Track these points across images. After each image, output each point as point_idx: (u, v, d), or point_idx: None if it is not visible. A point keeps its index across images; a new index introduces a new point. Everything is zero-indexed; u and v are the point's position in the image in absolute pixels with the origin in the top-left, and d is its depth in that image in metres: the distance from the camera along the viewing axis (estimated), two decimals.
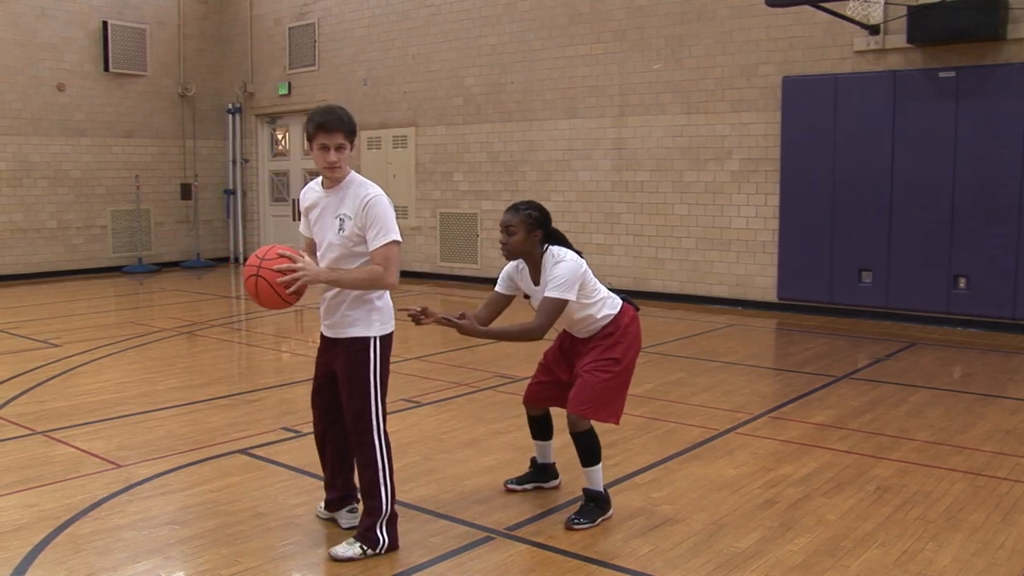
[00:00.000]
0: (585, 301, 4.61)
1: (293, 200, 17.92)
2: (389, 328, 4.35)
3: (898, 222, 10.79)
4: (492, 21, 14.42)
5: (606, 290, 4.74)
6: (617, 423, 4.72)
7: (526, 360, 8.62)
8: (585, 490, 4.69)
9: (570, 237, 4.95)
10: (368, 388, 4.26)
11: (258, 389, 7.58)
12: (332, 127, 4.12)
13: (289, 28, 17.46)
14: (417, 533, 4.50)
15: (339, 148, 4.14)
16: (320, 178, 4.35)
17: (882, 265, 10.93)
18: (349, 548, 4.23)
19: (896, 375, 8.20)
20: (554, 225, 4.85)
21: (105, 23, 16.67)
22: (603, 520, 4.64)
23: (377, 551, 4.23)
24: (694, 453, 5.85)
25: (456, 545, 4.37)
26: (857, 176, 11.00)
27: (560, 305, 4.48)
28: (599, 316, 4.66)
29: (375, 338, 4.27)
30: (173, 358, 9.16)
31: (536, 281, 4.66)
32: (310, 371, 4.85)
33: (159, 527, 4.60)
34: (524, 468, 5.27)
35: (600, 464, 4.67)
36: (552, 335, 4.93)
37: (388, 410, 4.41)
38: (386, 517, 4.28)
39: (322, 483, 4.73)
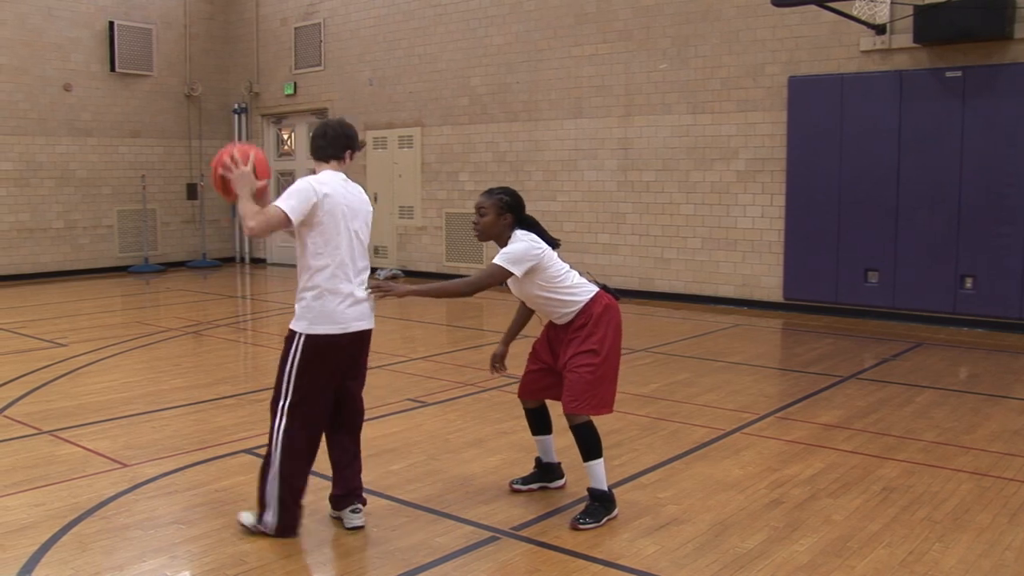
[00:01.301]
0: (545, 284, 4.70)
1: None
2: (317, 329, 4.36)
3: (904, 222, 10.77)
4: (498, 21, 14.42)
5: (577, 278, 4.81)
6: (610, 412, 4.77)
7: None
8: (590, 490, 4.70)
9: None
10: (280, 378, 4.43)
11: (264, 389, 7.57)
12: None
13: (295, 28, 17.48)
14: (422, 533, 4.50)
15: None
16: (341, 176, 4.54)
17: (888, 265, 10.91)
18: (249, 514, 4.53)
19: (902, 375, 8.18)
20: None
21: (111, 23, 16.71)
22: (608, 520, 4.65)
23: (259, 524, 4.44)
24: (700, 453, 5.84)
25: (461, 545, 4.37)
26: (863, 176, 10.98)
27: (498, 272, 4.60)
28: (566, 301, 4.74)
29: (300, 335, 4.38)
30: (179, 358, 9.17)
31: None
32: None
33: (165, 526, 4.61)
34: (529, 468, 5.26)
35: (602, 459, 4.69)
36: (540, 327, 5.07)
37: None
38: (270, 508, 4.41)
39: (325, 479, 4.75)
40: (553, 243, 4.82)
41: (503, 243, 4.75)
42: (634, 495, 5.04)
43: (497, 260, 4.61)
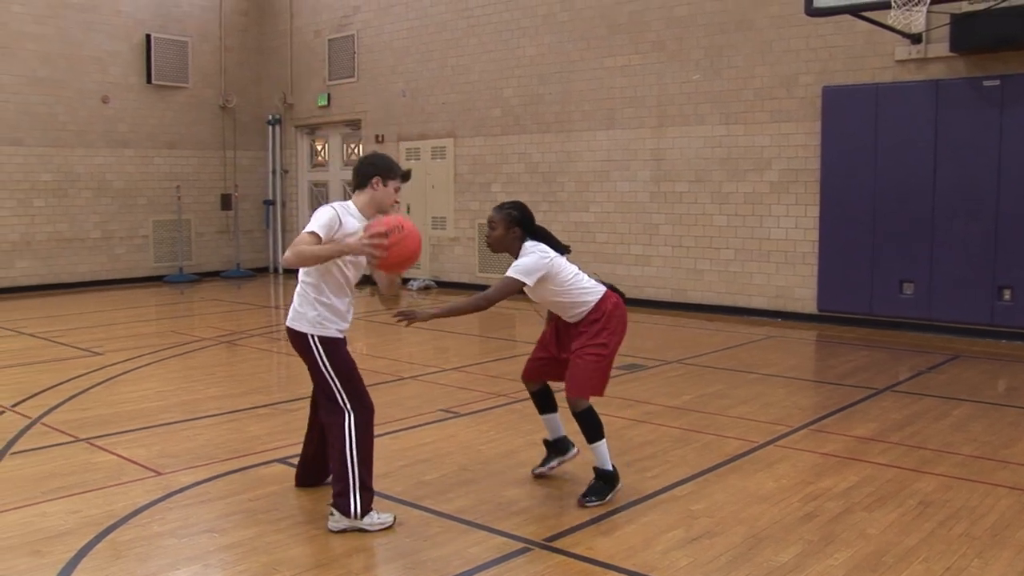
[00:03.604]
0: (556, 289, 5.03)
1: None
2: (324, 332, 4.77)
3: (940, 233, 10.65)
4: (530, 32, 14.45)
5: (587, 280, 5.14)
6: (602, 395, 5.09)
7: None
8: (595, 468, 5.06)
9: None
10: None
11: (297, 399, 7.60)
12: (407, 179, 4.93)
13: (329, 40, 17.61)
14: (455, 544, 4.50)
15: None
16: (349, 204, 4.82)
17: (924, 277, 10.79)
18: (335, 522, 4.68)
19: (939, 388, 8.08)
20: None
21: (149, 36, 16.93)
22: (612, 495, 5.03)
23: (352, 518, 4.63)
24: (733, 465, 5.80)
25: (494, 556, 4.36)
26: (898, 186, 10.88)
27: (512, 283, 4.92)
28: (578, 302, 5.08)
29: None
30: (213, 367, 9.24)
31: None
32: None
33: (199, 535, 4.63)
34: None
35: (604, 440, 5.06)
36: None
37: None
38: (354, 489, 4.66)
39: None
40: (562, 249, 5.15)
41: (515, 254, 5.08)
42: (667, 507, 5.01)
43: (510, 273, 4.93)
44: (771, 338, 10.82)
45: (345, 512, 4.61)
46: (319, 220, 4.56)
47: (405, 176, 4.91)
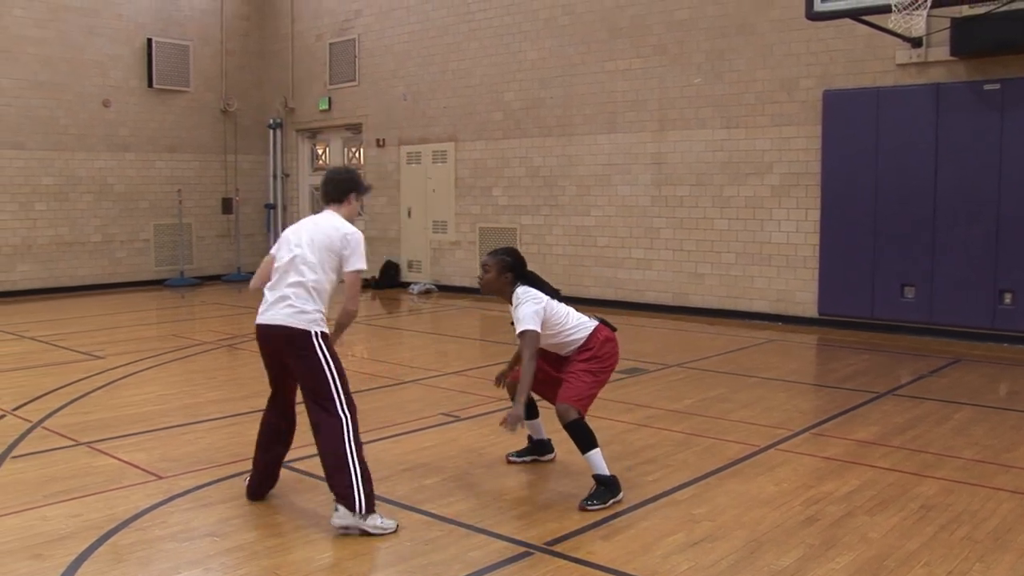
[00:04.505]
0: (549, 332, 5.27)
1: None
2: (324, 328, 4.91)
3: (941, 236, 10.65)
4: (532, 36, 14.46)
5: (577, 318, 5.39)
6: (585, 413, 5.17)
7: None
8: (594, 476, 5.12)
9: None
10: None
11: (298, 402, 7.61)
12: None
13: (330, 44, 17.63)
14: (456, 547, 4.50)
15: None
16: (339, 217, 5.10)
17: (925, 280, 10.79)
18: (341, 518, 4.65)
19: (940, 392, 8.08)
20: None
21: (150, 40, 16.96)
22: (614, 502, 5.06)
23: (357, 513, 4.61)
24: (734, 469, 5.79)
25: (495, 560, 4.36)
26: (899, 190, 10.88)
27: (531, 336, 5.13)
28: (569, 341, 5.35)
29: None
30: (214, 371, 9.24)
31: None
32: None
33: (200, 538, 4.63)
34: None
35: (597, 448, 5.13)
36: None
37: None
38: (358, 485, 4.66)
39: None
40: (553, 292, 5.38)
41: (506, 297, 5.36)
42: (668, 511, 5.01)
43: (523, 328, 5.14)
44: (772, 342, 10.82)
45: (351, 507, 4.59)
46: (364, 252, 4.98)
47: (368, 190, 5.40)
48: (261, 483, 5.21)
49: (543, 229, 14.46)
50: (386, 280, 16.58)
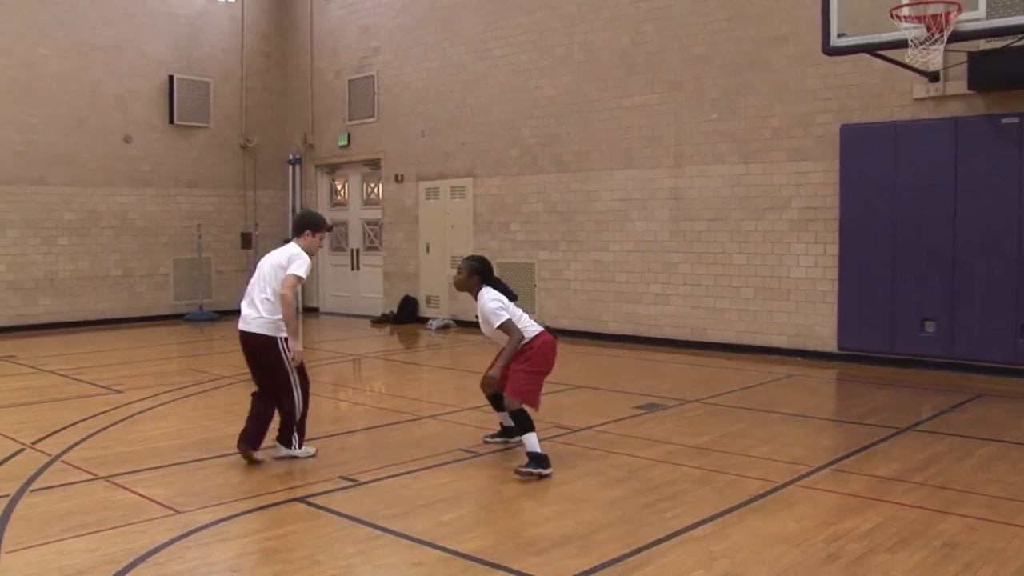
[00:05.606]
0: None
1: (352, 250, 18.16)
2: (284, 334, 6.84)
3: (962, 271, 10.59)
4: (548, 73, 14.55)
5: (527, 321, 6.68)
6: (536, 409, 6.59)
7: (581, 411, 8.63)
8: (527, 452, 6.35)
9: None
10: None
11: (316, 438, 7.60)
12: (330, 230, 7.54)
13: (349, 81, 17.79)
14: None
15: None
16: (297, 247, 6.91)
17: (946, 315, 10.72)
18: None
19: (962, 427, 8.00)
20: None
21: (171, 77, 17.16)
22: (542, 475, 6.22)
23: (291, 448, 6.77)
24: (754, 506, 5.74)
25: None
26: (918, 224, 10.84)
27: (511, 324, 6.51)
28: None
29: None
30: (232, 405, 9.24)
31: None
32: (368, 420, 4.95)
33: (218, 574, 4.62)
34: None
35: (533, 432, 6.37)
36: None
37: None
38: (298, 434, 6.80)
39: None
40: (512, 296, 6.73)
41: (474, 295, 6.75)
42: (687, 548, 4.97)
43: (501, 322, 6.50)
44: (791, 377, 10.75)
45: (287, 445, 6.75)
46: (305, 266, 6.67)
47: (329, 229, 7.31)
48: (245, 438, 6.64)
49: (561, 264, 14.47)
50: (404, 315, 16.60)
